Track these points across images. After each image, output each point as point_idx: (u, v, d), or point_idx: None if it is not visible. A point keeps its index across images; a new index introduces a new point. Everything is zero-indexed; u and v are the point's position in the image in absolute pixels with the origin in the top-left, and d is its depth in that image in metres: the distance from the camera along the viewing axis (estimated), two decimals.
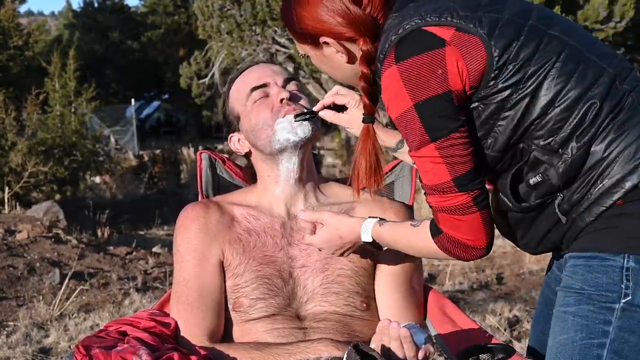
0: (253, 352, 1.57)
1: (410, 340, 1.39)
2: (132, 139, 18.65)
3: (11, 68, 11.47)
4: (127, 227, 8.33)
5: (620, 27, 8.29)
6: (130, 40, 25.13)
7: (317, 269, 1.69)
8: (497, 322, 3.94)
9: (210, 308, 1.67)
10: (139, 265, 5.34)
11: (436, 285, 5.06)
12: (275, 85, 1.72)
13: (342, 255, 1.63)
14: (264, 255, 1.69)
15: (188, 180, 12.50)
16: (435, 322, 1.73)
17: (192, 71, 11.78)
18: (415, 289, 1.75)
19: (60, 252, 5.30)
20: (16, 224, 6.00)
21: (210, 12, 9.12)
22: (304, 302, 1.67)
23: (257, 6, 8.53)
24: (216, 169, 1.90)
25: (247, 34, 8.94)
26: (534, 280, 5.28)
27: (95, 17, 25.31)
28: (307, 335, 1.63)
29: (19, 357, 3.49)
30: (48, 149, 8.92)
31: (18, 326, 3.94)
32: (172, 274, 1.75)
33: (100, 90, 11.22)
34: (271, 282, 1.67)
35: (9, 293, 4.53)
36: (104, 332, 1.60)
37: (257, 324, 1.65)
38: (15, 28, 11.73)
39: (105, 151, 11.00)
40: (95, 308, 4.35)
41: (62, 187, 9.28)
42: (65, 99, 9.79)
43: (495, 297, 4.77)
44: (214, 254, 1.69)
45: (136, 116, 20.19)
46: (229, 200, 1.78)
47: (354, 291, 1.69)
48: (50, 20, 41.57)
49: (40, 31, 17.70)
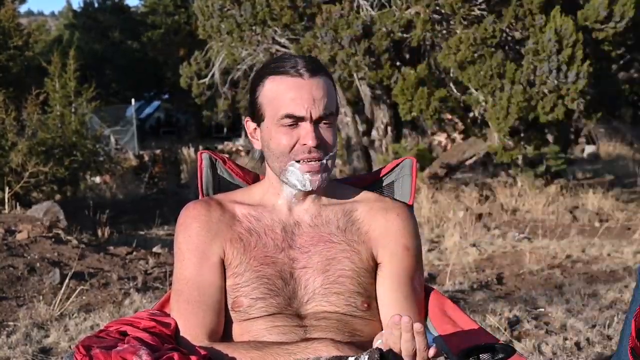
0: (253, 351, 1.56)
1: (424, 334, 1.39)
2: (132, 139, 18.66)
3: (11, 68, 11.46)
4: (127, 227, 8.33)
5: (620, 27, 8.29)
6: (130, 40, 25.12)
7: (319, 269, 1.69)
8: (497, 322, 3.94)
9: (210, 307, 1.67)
10: (139, 265, 5.34)
11: (436, 285, 5.06)
12: (309, 124, 1.64)
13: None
14: (265, 255, 1.69)
15: (188, 180, 12.50)
16: (435, 322, 1.73)
17: (192, 71, 11.79)
18: (416, 289, 1.75)
19: (61, 252, 5.30)
20: (16, 224, 6.00)
21: (210, 12, 9.13)
22: (304, 302, 1.67)
23: (257, 6, 8.53)
24: (216, 169, 1.90)
25: (247, 34, 8.94)
26: (534, 280, 5.28)
27: (95, 17, 25.31)
28: (307, 335, 1.62)
29: (19, 357, 3.49)
30: (48, 149, 8.91)
31: (18, 326, 3.94)
32: (172, 274, 1.75)
33: (101, 90, 11.21)
34: (271, 282, 1.67)
35: (9, 293, 4.53)
36: (104, 332, 1.59)
37: (257, 322, 1.65)
38: (15, 28, 11.72)
39: (106, 151, 10.98)
40: (95, 308, 4.35)
41: (62, 187, 9.27)
42: (66, 99, 9.78)
43: (495, 297, 4.76)
44: (215, 252, 1.69)
45: (136, 116, 20.20)
46: (230, 199, 1.77)
47: (355, 291, 1.68)
48: (50, 20, 41.58)
49: (41, 31, 17.68)
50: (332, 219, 1.74)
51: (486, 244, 6.72)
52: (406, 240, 1.75)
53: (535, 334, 3.83)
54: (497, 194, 9.45)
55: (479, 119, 9.51)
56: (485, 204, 9.15)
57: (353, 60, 8.41)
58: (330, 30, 8.34)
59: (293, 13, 8.45)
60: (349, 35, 8.27)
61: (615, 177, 11.79)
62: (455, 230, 7.12)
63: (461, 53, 8.11)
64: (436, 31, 8.53)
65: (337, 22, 8.34)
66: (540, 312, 4.32)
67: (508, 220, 8.23)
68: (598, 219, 8.10)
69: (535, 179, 9.84)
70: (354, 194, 1.81)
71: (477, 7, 8.27)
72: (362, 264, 1.71)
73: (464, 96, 8.93)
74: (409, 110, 8.69)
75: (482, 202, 9.22)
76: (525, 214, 8.58)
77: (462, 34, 8.15)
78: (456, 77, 8.75)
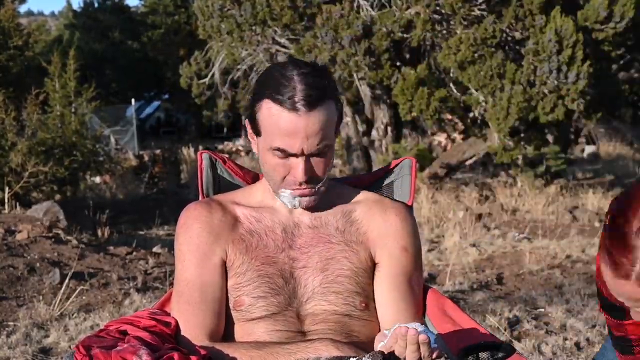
0: (253, 351, 1.56)
1: (429, 345, 1.40)
2: (132, 139, 18.66)
3: (11, 68, 11.45)
4: (127, 227, 8.33)
5: (620, 27, 8.29)
6: (131, 40, 25.11)
7: (318, 268, 1.69)
8: (497, 322, 3.94)
9: (211, 308, 1.67)
10: (139, 265, 5.34)
11: (436, 285, 5.06)
12: (300, 160, 1.62)
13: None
14: (266, 255, 1.69)
15: (188, 180, 12.50)
16: (435, 321, 1.73)
17: (192, 71, 11.79)
18: (414, 288, 1.75)
19: (61, 252, 5.30)
20: (16, 224, 6.00)
21: (210, 12, 9.13)
22: (304, 302, 1.67)
23: (257, 6, 8.53)
24: (217, 169, 1.90)
25: (247, 34, 8.94)
26: (534, 280, 5.28)
27: (95, 17, 25.30)
28: (307, 335, 1.63)
29: (19, 357, 3.49)
30: (48, 149, 8.91)
31: (18, 326, 3.94)
32: (173, 274, 1.75)
33: (101, 90, 11.20)
34: (272, 281, 1.67)
35: (9, 293, 4.53)
36: (104, 332, 1.59)
37: (257, 323, 1.65)
38: (15, 28, 11.71)
39: (106, 151, 10.98)
40: (95, 308, 4.35)
41: (62, 187, 9.27)
42: (66, 99, 9.78)
43: (495, 297, 4.77)
44: (216, 253, 1.69)
45: (136, 116, 20.20)
46: (231, 200, 1.77)
47: (354, 291, 1.69)
48: (50, 20, 41.59)
49: (41, 31, 17.68)
50: (331, 220, 1.74)
51: (486, 244, 6.72)
52: (404, 240, 1.75)
53: (535, 334, 3.83)
54: (497, 194, 9.45)
55: (479, 119, 9.51)
56: (485, 204, 9.15)
57: (353, 60, 8.41)
58: (330, 30, 8.34)
59: (293, 13, 8.45)
60: (349, 35, 8.28)
61: (615, 177, 11.80)
62: (455, 231, 7.12)
63: (461, 53, 8.11)
64: (436, 31, 8.53)
65: (337, 22, 8.34)
66: (540, 312, 4.32)
67: (508, 220, 8.23)
68: (598, 219, 8.10)
69: (535, 179, 9.84)
70: (353, 194, 1.81)
71: (477, 7, 8.27)
72: (360, 264, 1.71)
73: (464, 96, 8.93)
74: (409, 110, 8.70)
75: (482, 202, 9.22)
76: (525, 214, 8.58)
77: (462, 34, 8.15)
78: (456, 77, 8.76)
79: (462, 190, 9.78)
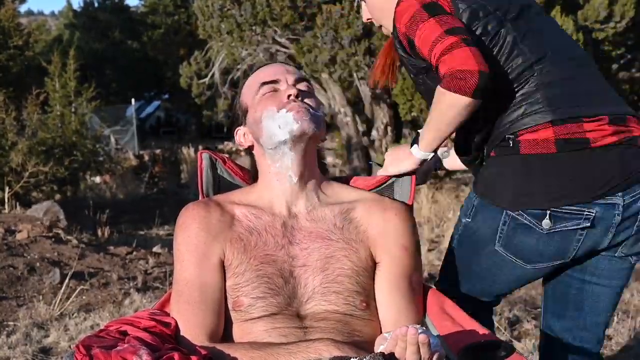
0: (253, 351, 1.56)
1: (429, 345, 1.40)
2: (132, 138, 18.65)
3: (11, 68, 11.45)
4: (127, 227, 8.33)
5: (620, 27, 8.29)
6: (131, 40, 25.10)
7: (318, 268, 1.69)
8: (497, 322, 3.94)
9: (210, 308, 1.67)
10: (139, 265, 5.34)
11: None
12: (285, 83, 1.76)
13: None
14: (265, 254, 1.69)
15: (188, 180, 12.50)
16: (435, 320, 1.73)
17: (192, 71, 11.79)
18: (414, 289, 1.75)
19: (61, 252, 5.30)
20: (16, 224, 6.00)
21: (210, 12, 9.12)
22: (304, 301, 1.67)
23: (257, 6, 8.53)
24: (217, 169, 1.90)
25: (247, 34, 8.94)
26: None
27: (95, 17, 25.29)
28: (307, 335, 1.62)
29: (19, 357, 3.49)
30: (48, 148, 8.91)
31: (18, 326, 3.94)
32: (172, 274, 1.75)
33: (101, 90, 11.20)
34: (272, 281, 1.67)
35: (9, 293, 4.53)
36: (105, 332, 1.59)
37: (257, 323, 1.65)
38: (16, 28, 11.70)
39: (106, 151, 10.98)
40: (95, 308, 4.35)
41: (62, 187, 9.27)
42: (66, 98, 9.79)
43: None
44: (215, 253, 1.69)
45: (136, 116, 20.18)
46: (229, 199, 1.78)
47: (354, 290, 1.69)
48: (50, 20, 41.57)
49: (41, 31, 17.69)
50: (329, 215, 1.74)
51: None
52: (404, 240, 1.75)
53: (535, 334, 3.83)
54: None
55: None
56: None
57: (353, 60, 8.41)
58: (330, 30, 8.34)
59: (293, 13, 8.45)
60: (349, 35, 8.28)
61: None
62: None
63: None
64: None
65: (338, 22, 8.34)
66: (540, 312, 4.31)
67: None
68: None
69: None
70: (352, 193, 1.81)
71: None
72: (360, 263, 1.71)
73: None
74: (409, 110, 8.69)
75: None
76: None
77: None
78: None
79: (462, 190, 9.78)
